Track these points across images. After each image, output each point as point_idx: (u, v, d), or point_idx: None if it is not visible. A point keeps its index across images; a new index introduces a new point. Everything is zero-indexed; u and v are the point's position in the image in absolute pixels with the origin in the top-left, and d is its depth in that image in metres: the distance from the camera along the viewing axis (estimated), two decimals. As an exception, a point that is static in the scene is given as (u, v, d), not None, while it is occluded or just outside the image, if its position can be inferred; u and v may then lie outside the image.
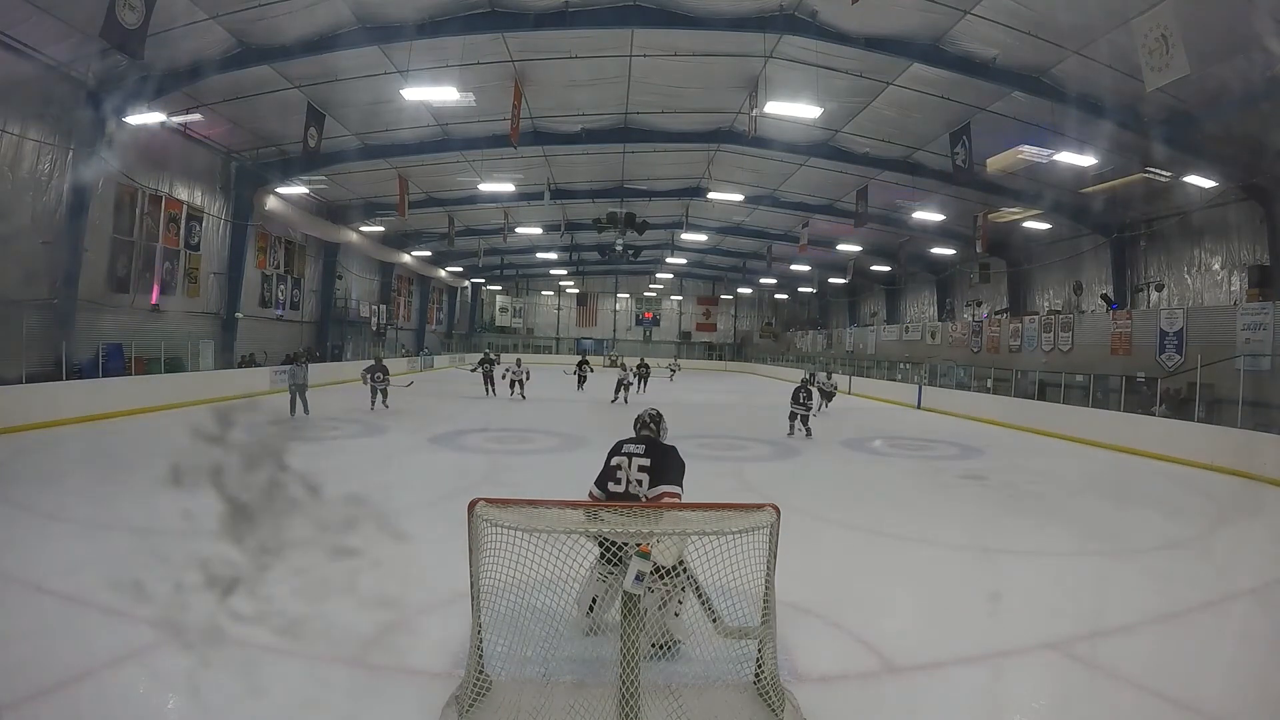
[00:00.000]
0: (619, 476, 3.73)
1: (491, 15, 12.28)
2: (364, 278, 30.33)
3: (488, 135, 17.53)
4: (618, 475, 3.73)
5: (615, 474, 3.75)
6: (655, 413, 4.13)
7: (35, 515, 5.50)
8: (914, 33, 12.18)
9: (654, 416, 4.09)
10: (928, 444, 13.13)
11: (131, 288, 15.60)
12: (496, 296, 48.14)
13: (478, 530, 3.04)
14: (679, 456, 3.80)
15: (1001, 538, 6.54)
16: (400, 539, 5.63)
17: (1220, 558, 6.18)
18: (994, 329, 22.67)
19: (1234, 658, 4.13)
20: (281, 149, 18.22)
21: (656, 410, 4.17)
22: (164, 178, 16.48)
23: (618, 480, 3.72)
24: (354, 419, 13.55)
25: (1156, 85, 9.44)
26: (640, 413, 4.15)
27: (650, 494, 3.62)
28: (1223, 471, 10.37)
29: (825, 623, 4.25)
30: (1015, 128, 14.55)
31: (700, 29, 12.69)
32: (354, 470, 8.38)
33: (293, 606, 3.68)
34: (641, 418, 4.08)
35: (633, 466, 3.73)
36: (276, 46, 12.74)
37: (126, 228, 15.36)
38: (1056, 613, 4.51)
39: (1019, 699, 3.56)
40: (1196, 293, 17.03)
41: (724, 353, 48.04)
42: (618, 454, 3.82)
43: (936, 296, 30.03)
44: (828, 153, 18.34)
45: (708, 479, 8.89)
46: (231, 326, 19.32)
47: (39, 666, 3.33)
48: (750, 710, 3.09)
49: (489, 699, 3.05)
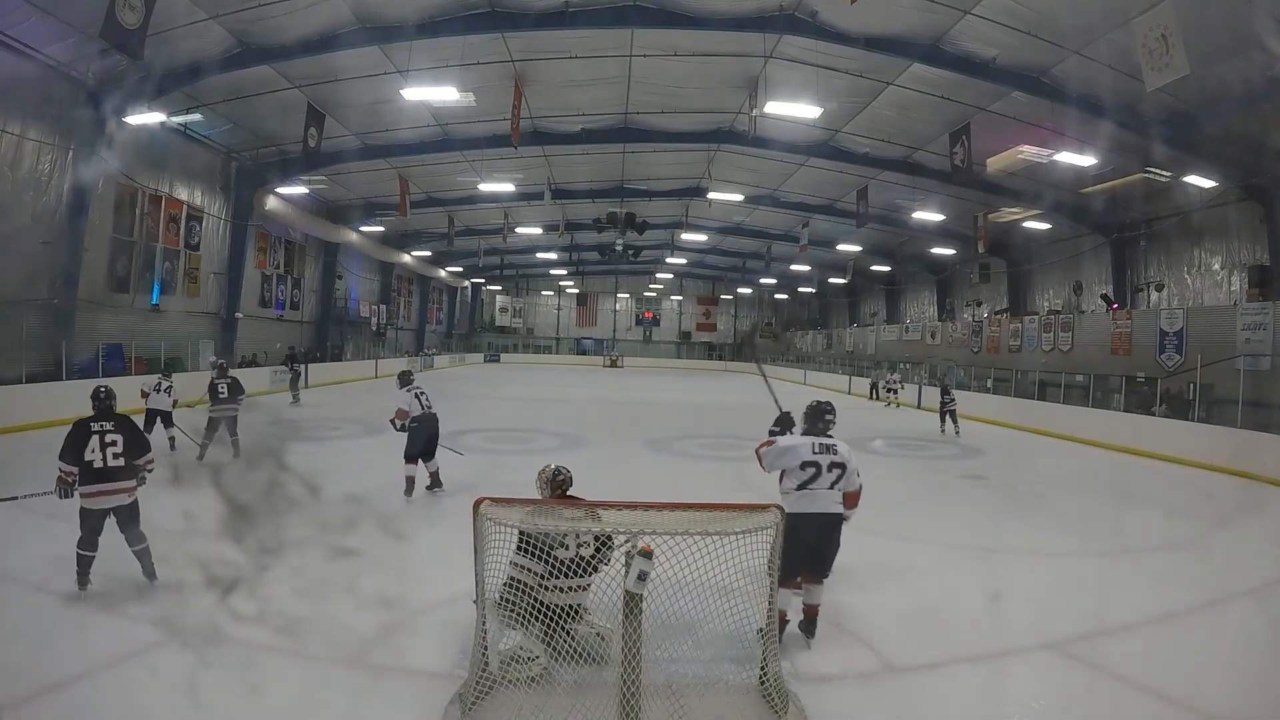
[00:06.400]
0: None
1: (491, 15, 12.27)
2: (364, 278, 30.34)
3: (488, 135, 17.53)
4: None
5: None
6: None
7: (35, 515, 5.49)
8: (914, 33, 12.18)
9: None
10: (928, 444, 13.13)
11: (131, 288, 15.60)
12: (496, 296, 48.14)
13: (482, 529, 3.05)
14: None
15: (1001, 538, 6.54)
16: (400, 539, 5.66)
17: (1220, 558, 6.18)
18: (994, 329, 22.67)
19: (1234, 658, 4.13)
20: (281, 149, 18.22)
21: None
22: (164, 178, 16.48)
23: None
24: (354, 419, 13.54)
25: (1156, 85, 9.44)
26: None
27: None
28: (1223, 471, 10.36)
29: (825, 622, 4.24)
30: (1015, 128, 14.55)
31: (700, 29, 12.69)
32: (354, 470, 8.37)
33: (293, 606, 3.69)
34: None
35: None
36: (276, 46, 12.74)
37: (126, 228, 15.36)
38: (1056, 613, 4.51)
39: (1019, 699, 3.56)
40: (1196, 293, 17.02)
41: (724, 353, 48.04)
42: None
43: (936, 296, 30.03)
44: (828, 153, 18.34)
45: (709, 479, 8.89)
46: (231, 326, 19.33)
47: (39, 666, 3.32)
48: (753, 711, 3.08)
49: (491, 698, 3.05)
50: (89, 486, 4.19)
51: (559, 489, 3.94)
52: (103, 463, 4.20)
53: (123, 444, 4.29)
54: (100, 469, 4.19)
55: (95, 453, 4.19)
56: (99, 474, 4.19)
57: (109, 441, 4.24)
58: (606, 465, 9.92)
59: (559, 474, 4.02)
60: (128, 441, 4.33)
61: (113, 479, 4.23)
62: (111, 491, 4.24)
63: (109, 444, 4.23)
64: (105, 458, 4.20)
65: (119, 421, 4.39)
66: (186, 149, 16.78)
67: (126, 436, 4.33)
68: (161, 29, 10.70)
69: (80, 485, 4.19)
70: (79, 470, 4.18)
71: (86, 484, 4.19)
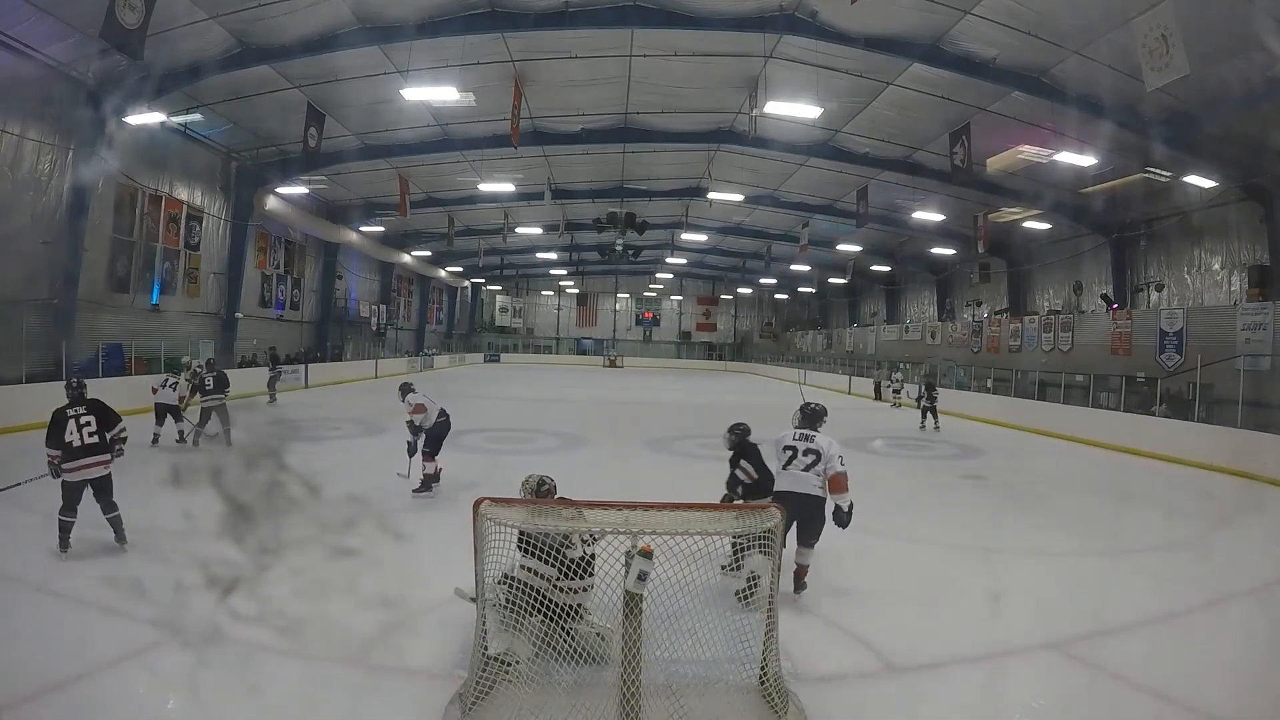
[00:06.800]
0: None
1: (491, 15, 12.27)
2: (364, 278, 30.34)
3: (488, 135, 17.54)
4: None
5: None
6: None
7: (35, 515, 5.50)
8: (914, 33, 12.18)
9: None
10: (928, 444, 13.13)
11: (131, 288, 15.60)
12: (496, 296, 48.15)
13: (482, 529, 3.05)
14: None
15: (1001, 538, 6.54)
16: (400, 539, 5.66)
17: (1220, 558, 6.18)
18: (994, 329, 22.67)
19: (1234, 658, 4.13)
20: (281, 149, 18.22)
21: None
22: (164, 178, 16.48)
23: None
24: (354, 419, 13.54)
25: (1156, 85, 9.44)
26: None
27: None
28: (1223, 471, 10.36)
29: (825, 623, 4.25)
30: (1015, 128, 14.55)
31: (700, 29, 12.69)
32: (354, 470, 8.38)
33: (293, 606, 3.68)
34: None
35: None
36: (276, 46, 12.74)
37: (126, 228, 15.36)
38: (1056, 613, 4.51)
39: (1019, 699, 3.56)
40: (1196, 293, 17.03)
41: (724, 353, 48.04)
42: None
43: (936, 296, 30.03)
44: (828, 153, 18.34)
45: (709, 479, 8.87)
46: (231, 326, 19.33)
47: (39, 666, 3.32)
48: (753, 711, 3.08)
49: (491, 698, 3.05)
50: (70, 463, 4.86)
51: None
52: (80, 442, 4.89)
53: (95, 423, 4.99)
54: (79, 447, 4.88)
55: (73, 434, 4.88)
56: (78, 451, 4.87)
57: (84, 423, 4.94)
58: (606, 465, 9.93)
59: (544, 484, 3.97)
60: (100, 419, 5.03)
61: (90, 454, 4.92)
62: (89, 465, 4.91)
63: (84, 425, 4.93)
64: (82, 437, 4.90)
65: (90, 405, 5.09)
66: (186, 149, 16.78)
67: (98, 415, 5.04)
68: (161, 29, 10.69)
69: (63, 463, 4.85)
70: (61, 451, 4.85)
71: (68, 461, 4.86)
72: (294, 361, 21.59)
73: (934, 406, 15.03)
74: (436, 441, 7.35)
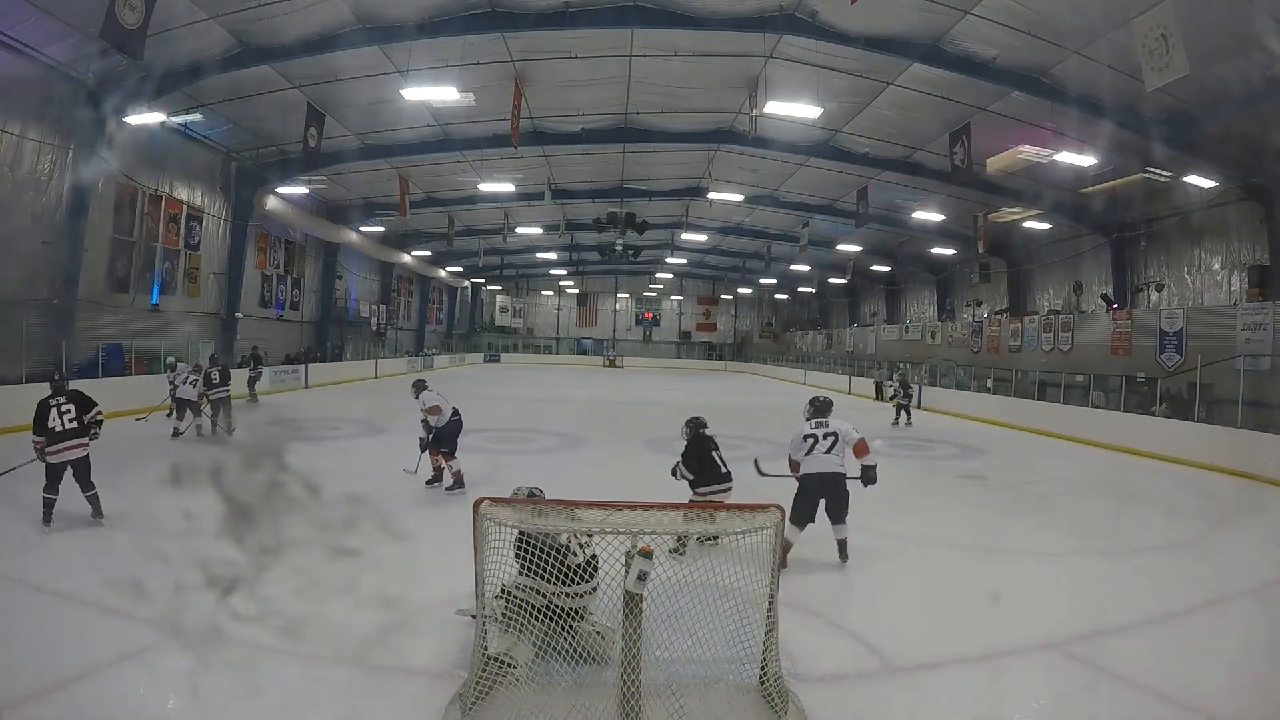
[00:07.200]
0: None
1: (491, 15, 12.27)
2: (364, 278, 30.33)
3: (488, 135, 17.52)
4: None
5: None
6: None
7: (36, 515, 5.50)
8: (914, 33, 12.17)
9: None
10: (928, 444, 13.12)
11: (131, 288, 15.59)
12: (496, 296, 48.13)
13: (482, 529, 3.05)
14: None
15: (1001, 538, 6.54)
16: (400, 539, 5.66)
17: (1220, 558, 6.18)
18: (994, 329, 22.67)
19: (1234, 658, 4.12)
20: (281, 149, 18.22)
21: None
22: (164, 178, 16.48)
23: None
24: (354, 419, 13.54)
25: (1156, 85, 9.44)
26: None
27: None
28: (1223, 471, 10.36)
29: (825, 623, 4.25)
30: (1015, 128, 14.55)
31: (700, 29, 12.69)
32: (354, 470, 8.38)
33: (293, 606, 3.69)
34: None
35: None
36: (276, 46, 12.74)
37: (126, 228, 15.36)
38: (1056, 613, 4.51)
39: (1019, 699, 3.56)
40: (1196, 293, 17.02)
41: (724, 353, 48.03)
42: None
43: (936, 296, 30.02)
44: (828, 153, 18.33)
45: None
46: (231, 326, 19.32)
47: (39, 666, 3.32)
48: (753, 711, 3.08)
49: (491, 698, 3.05)
50: (53, 446, 5.50)
51: None
52: (61, 427, 5.53)
53: (75, 409, 5.61)
54: (60, 432, 5.52)
55: (55, 421, 5.52)
56: (59, 435, 5.52)
57: (64, 410, 5.57)
58: (607, 465, 9.92)
59: (533, 496, 3.92)
60: (78, 406, 5.67)
61: (71, 437, 5.56)
62: (70, 448, 5.55)
63: (64, 412, 5.57)
64: (63, 423, 5.54)
65: (70, 394, 5.74)
66: (186, 149, 16.77)
67: (76, 403, 5.68)
68: (161, 29, 10.69)
69: (47, 447, 5.49)
70: (45, 437, 5.49)
71: (51, 445, 5.50)
72: (294, 361, 21.61)
73: (908, 404, 15.69)
74: (451, 440, 7.43)
